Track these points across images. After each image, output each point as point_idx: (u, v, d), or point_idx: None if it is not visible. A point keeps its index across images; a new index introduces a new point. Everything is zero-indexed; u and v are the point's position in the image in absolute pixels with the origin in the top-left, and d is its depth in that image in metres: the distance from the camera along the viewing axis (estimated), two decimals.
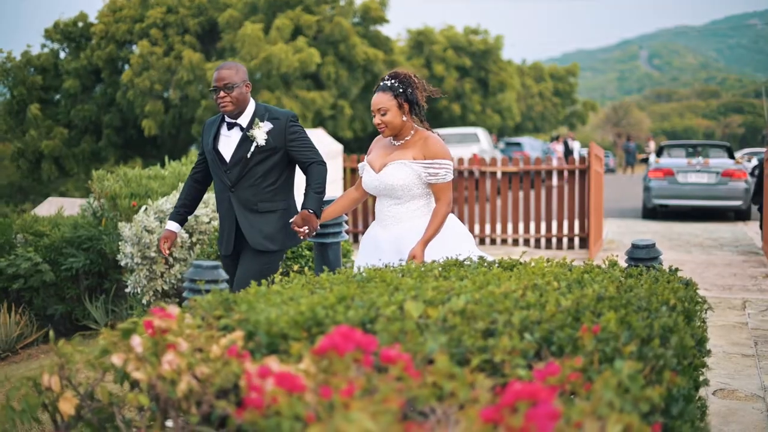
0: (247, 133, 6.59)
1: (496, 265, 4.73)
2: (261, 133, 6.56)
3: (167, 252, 6.92)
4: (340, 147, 18.46)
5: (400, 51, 49.66)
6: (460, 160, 16.32)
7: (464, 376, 2.65)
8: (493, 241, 16.10)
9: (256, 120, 6.61)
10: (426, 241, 5.94)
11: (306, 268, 4.61)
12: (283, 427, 2.34)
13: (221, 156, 6.72)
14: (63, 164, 46.18)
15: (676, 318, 3.57)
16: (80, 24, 47.94)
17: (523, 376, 2.85)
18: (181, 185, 9.25)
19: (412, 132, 6.28)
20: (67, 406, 3.02)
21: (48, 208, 16.57)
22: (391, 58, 46.53)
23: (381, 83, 6.30)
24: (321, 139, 18.24)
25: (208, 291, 4.25)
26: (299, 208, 6.68)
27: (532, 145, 44.57)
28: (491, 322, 3.25)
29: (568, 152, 41.29)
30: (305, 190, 6.59)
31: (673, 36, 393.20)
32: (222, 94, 6.54)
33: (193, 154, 22.67)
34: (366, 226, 16.40)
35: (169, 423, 2.98)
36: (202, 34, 44.93)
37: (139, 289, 9.41)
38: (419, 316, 3.26)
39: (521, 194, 15.98)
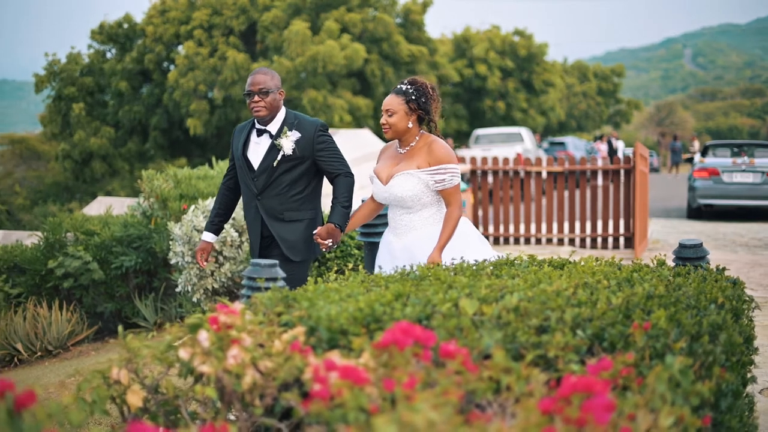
0: (275, 142, 6.58)
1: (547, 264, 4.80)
2: (288, 142, 6.54)
3: (204, 264, 6.96)
4: None
5: (444, 53, 49.82)
6: (505, 160, 16.34)
7: (520, 370, 2.74)
8: (538, 241, 16.11)
9: (285, 128, 6.59)
10: (442, 247, 6.00)
11: (360, 267, 4.70)
12: (348, 418, 2.43)
13: (249, 163, 6.73)
14: (111, 163, 46.61)
15: (725, 316, 3.64)
16: (125, 25, 48.36)
17: (576, 371, 2.92)
18: None
19: (417, 138, 6.31)
20: (135, 399, 3.12)
21: (97, 207, 16.78)
22: (434, 60, 46.67)
23: (397, 86, 6.35)
24: (366, 140, 18.35)
25: (267, 288, 4.35)
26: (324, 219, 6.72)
27: (575, 145, 44.30)
28: (544, 319, 3.33)
29: (612, 152, 41.01)
30: (332, 202, 6.59)
31: (718, 34, 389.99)
32: (256, 98, 6.55)
33: None
34: None
35: (230, 416, 3.08)
36: (247, 34, 45.23)
37: (189, 288, 9.52)
38: (474, 313, 3.34)
39: (566, 194, 15.97)
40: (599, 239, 15.89)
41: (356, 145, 18.07)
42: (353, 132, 21.82)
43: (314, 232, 6.53)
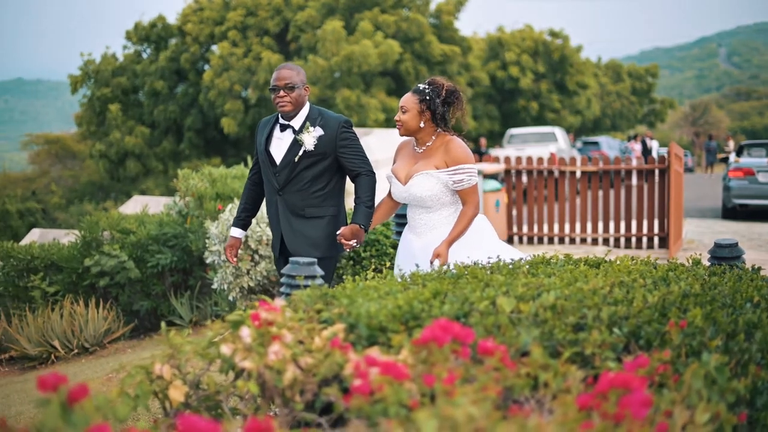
0: (297, 137, 6.56)
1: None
2: (310, 138, 6.51)
3: (234, 260, 6.95)
4: None
5: (476, 56, 49.81)
6: (539, 160, 16.34)
7: (557, 367, 2.77)
8: (572, 241, 16.08)
9: (307, 124, 6.56)
10: (450, 241, 6.00)
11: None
12: (390, 412, 2.48)
13: (272, 158, 6.70)
14: (146, 162, 46.90)
15: (760, 314, 3.67)
16: (159, 26, 48.63)
17: (613, 368, 2.95)
18: None
19: (434, 137, 6.31)
20: (177, 394, 3.17)
21: (133, 206, 16.92)
22: (467, 61, 46.69)
23: (417, 85, 6.39)
24: (399, 138, 18.32)
25: (306, 286, 4.40)
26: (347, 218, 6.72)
27: (609, 144, 44.06)
28: (581, 317, 3.36)
29: (646, 151, 40.82)
30: (355, 202, 6.57)
31: (753, 33, 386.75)
32: (282, 93, 6.52)
33: None
34: None
35: (269, 412, 3.13)
36: (281, 34, 45.41)
37: (225, 286, 9.58)
38: (511, 310, 3.37)
39: (600, 194, 15.94)
40: (633, 239, 15.84)
41: (390, 145, 18.11)
42: (386, 132, 21.84)
43: (338, 232, 6.49)
